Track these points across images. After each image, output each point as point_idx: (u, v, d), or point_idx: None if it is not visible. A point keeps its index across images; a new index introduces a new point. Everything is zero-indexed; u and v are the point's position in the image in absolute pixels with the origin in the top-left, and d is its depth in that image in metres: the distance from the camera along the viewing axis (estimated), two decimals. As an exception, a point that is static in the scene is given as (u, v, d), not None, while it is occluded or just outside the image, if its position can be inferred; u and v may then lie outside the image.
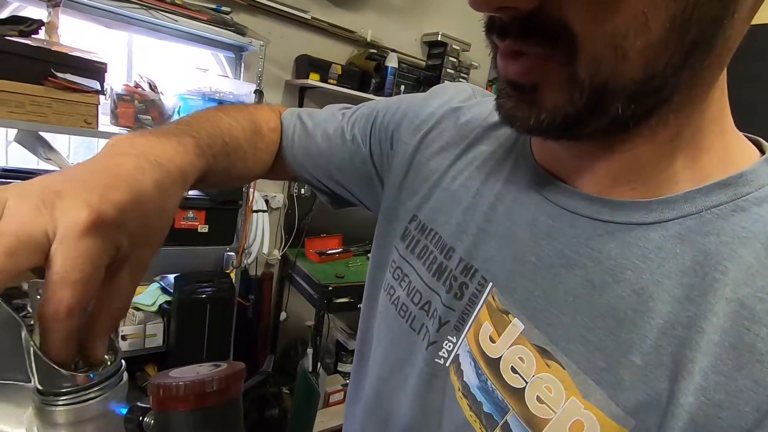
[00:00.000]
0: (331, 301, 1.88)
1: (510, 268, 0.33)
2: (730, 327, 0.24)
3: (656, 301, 0.26)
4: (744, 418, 0.22)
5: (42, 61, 1.35)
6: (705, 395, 0.23)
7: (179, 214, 1.65)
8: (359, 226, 2.50)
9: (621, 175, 0.30)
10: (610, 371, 0.27)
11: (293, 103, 2.15)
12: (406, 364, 0.41)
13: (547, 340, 0.29)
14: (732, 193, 0.27)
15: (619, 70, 0.24)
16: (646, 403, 0.25)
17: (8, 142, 1.61)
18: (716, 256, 0.26)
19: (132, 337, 1.67)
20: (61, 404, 0.27)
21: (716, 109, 0.28)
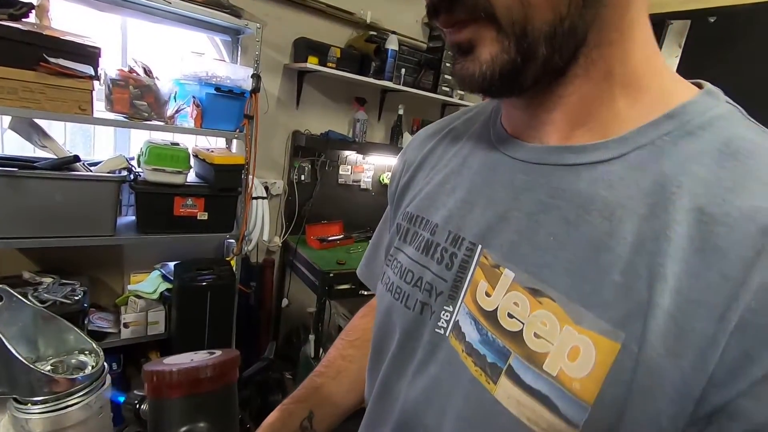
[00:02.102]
0: (332, 288, 1.88)
1: (495, 228, 0.36)
2: (694, 232, 0.27)
3: (624, 222, 0.29)
4: (716, 308, 0.25)
5: (33, 46, 1.32)
6: (680, 295, 0.26)
7: (178, 202, 1.63)
8: (360, 212, 2.48)
9: (575, 120, 0.34)
10: (596, 294, 0.29)
11: (292, 88, 2.11)
12: (408, 344, 0.42)
13: (536, 280, 0.32)
14: (678, 122, 0.31)
15: (530, 15, 0.29)
16: (631, 313, 0.28)
17: (3, 129, 1.59)
18: (672, 175, 0.29)
19: (134, 324, 1.68)
20: (38, 412, 0.26)
21: (644, 51, 0.33)
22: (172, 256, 1.86)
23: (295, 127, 2.16)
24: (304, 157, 2.20)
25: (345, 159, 2.35)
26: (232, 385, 0.40)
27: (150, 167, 1.54)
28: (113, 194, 1.50)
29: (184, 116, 1.69)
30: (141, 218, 1.60)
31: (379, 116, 2.43)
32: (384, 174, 2.50)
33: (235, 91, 1.67)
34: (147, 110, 1.55)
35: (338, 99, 2.27)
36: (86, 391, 0.27)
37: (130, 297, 1.70)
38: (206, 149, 1.79)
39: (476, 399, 0.34)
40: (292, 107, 2.13)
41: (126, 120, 1.53)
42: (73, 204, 1.42)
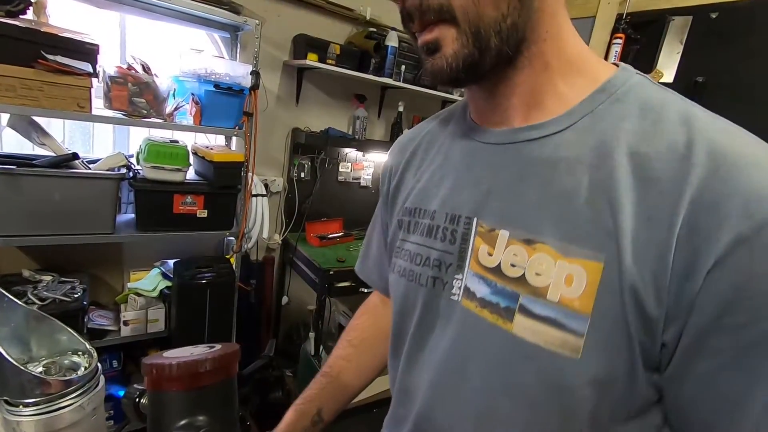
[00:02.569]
0: (332, 285, 1.88)
1: (484, 201, 0.44)
2: (634, 168, 0.36)
3: (582, 173, 0.38)
4: (664, 221, 0.33)
5: (31, 43, 1.31)
6: (636, 216, 0.34)
7: (178, 199, 1.63)
8: (360, 209, 2.47)
9: (529, 103, 0.43)
10: (575, 230, 0.37)
11: (291, 85, 2.10)
12: (426, 320, 0.48)
13: (527, 233, 0.40)
14: (607, 94, 0.40)
15: (480, 13, 0.37)
16: (605, 239, 0.35)
17: (1, 127, 1.58)
18: (610, 132, 0.38)
19: (134, 322, 1.68)
20: (30, 414, 0.25)
21: (574, 47, 0.42)
22: (172, 253, 1.86)
23: (295, 125, 2.16)
24: (304, 155, 2.20)
25: (345, 156, 2.34)
26: (231, 379, 0.39)
27: (149, 165, 1.54)
28: (112, 192, 1.50)
29: (183, 113, 1.69)
30: (140, 216, 1.60)
31: (379, 113, 2.43)
32: (384, 171, 2.50)
33: (235, 88, 1.66)
34: (146, 107, 1.55)
35: (338, 96, 2.26)
36: (80, 392, 0.27)
37: (130, 295, 1.70)
38: (205, 147, 1.78)
39: (498, 340, 0.40)
40: (291, 104, 2.13)
41: (125, 117, 1.52)
42: (72, 202, 1.42)
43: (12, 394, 0.25)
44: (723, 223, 0.31)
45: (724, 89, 1.72)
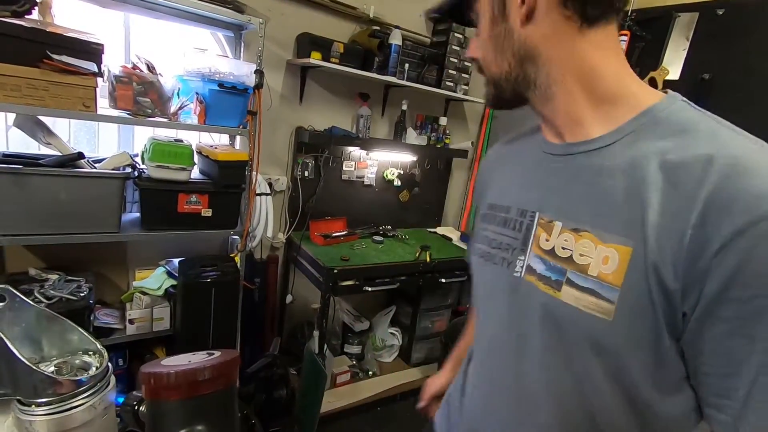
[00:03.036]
0: (336, 284, 1.88)
1: (545, 199, 0.57)
2: (664, 174, 0.45)
3: (619, 178, 0.48)
4: (683, 216, 0.42)
5: (37, 43, 1.32)
6: (661, 212, 0.44)
7: (182, 198, 1.64)
8: (364, 208, 2.48)
9: (571, 124, 0.55)
10: (612, 223, 0.48)
11: (295, 84, 2.10)
12: (496, 290, 0.62)
13: (575, 224, 0.52)
14: (649, 117, 0.49)
15: (491, 70, 0.57)
16: (635, 229, 0.45)
17: (8, 126, 1.59)
18: (648, 146, 0.48)
19: (139, 321, 1.69)
20: (43, 414, 0.26)
21: (614, 80, 0.52)
22: (177, 252, 1.87)
23: (299, 123, 2.16)
24: (308, 153, 2.20)
25: (348, 155, 2.34)
26: (230, 386, 0.39)
27: (154, 164, 1.54)
28: (117, 191, 1.51)
29: (188, 113, 1.69)
30: (145, 215, 1.61)
31: (382, 112, 2.42)
32: (388, 170, 2.49)
33: (239, 87, 1.66)
34: (150, 107, 1.55)
35: (342, 94, 2.26)
36: (91, 392, 0.27)
37: (135, 293, 1.71)
38: (210, 146, 1.79)
39: (548, 305, 0.53)
40: (295, 103, 2.13)
41: (129, 117, 1.52)
42: (77, 201, 1.43)
43: (24, 393, 0.25)
44: (727, 218, 0.40)
45: (730, 86, 1.70)
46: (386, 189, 2.54)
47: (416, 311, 2.49)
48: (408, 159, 2.55)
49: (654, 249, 0.44)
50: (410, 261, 2.11)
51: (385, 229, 2.44)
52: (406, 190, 2.61)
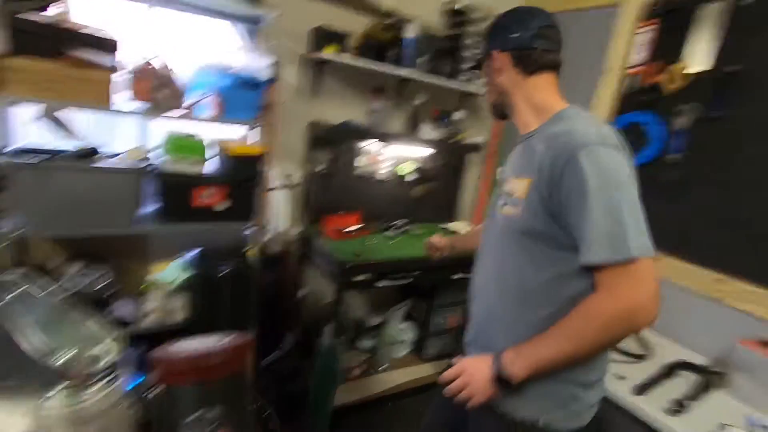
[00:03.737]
0: (349, 279, 1.88)
1: (512, 165, 1.02)
2: (545, 143, 0.89)
3: (536, 148, 0.91)
4: (550, 162, 0.85)
5: (55, 38, 1.34)
6: (542, 161, 0.87)
7: (198, 192, 1.65)
8: (377, 203, 2.47)
9: (525, 124, 1.01)
10: (527, 169, 0.92)
11: (310, 78, 2.09)
12: (487, 227, 1.09)
13: (516, 174, 0.97)
14: (553, 118, 0.94)
15: (489, 101, 1.11)
16: (533, 170, 0.89)
17: (30, 120, 1.62)
18: (547, 130, 0.92)
19: (157, 312, 1.71)
20: (57, 404, 0.25)
21: (539, 102, 0.99)
22: (193, 245, 1.89)
23: (313, 117, 2.15)
24: (322, 148, 2.20)
25: (362, 149, 2.33)
26: (243, 370, 0.38)
27: (170, 157, 1.56)
28: (135, 184, 1.52)
29: (204, 106, 1.70)
30: (161, 208, 1.62)
31: (397, 105, 2.40)
32: (402, 165, 2.48)
33: (254, 81, 1.66)
34: (167, 100, 1.56)
35: (356, 88, 2.25)
36: (105, 381, 0.27)
37: (152, 285, 1.74)
38: (225, 140, 1.80)
39: (502, 218, 0.99)
40: (310, 97, 2.12)
41: (146, 110, 1.54)
42: (95, 194, 1.45)
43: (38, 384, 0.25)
44: (562, 158, 0.83)
45: (756, 78, 1.64)
46: (400, 184, 2.53)
47: (429, 307, 2.47)
48: (423, 153, 2.53)
49: (538, 178, 0.87)
50: (423, 256, 2.09)
51: (398, 224, 2.43)
52: (420, 184, 2.59)
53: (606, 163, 0.80)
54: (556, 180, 0.83)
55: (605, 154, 0.81)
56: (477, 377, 0.90)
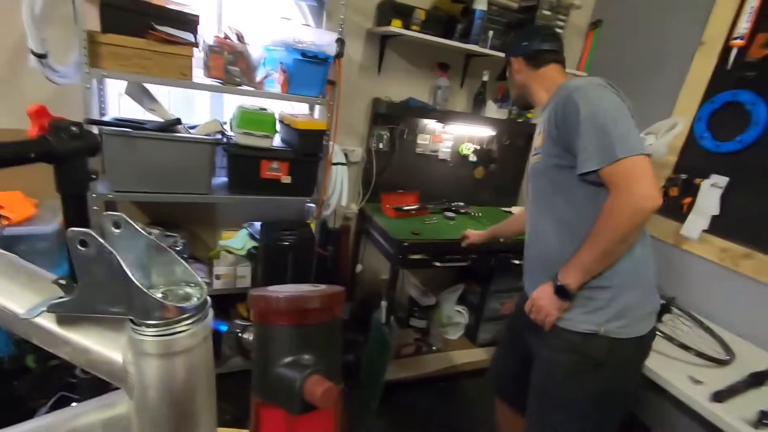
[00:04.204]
0: (405, 257, 1.88)
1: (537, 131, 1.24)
2: (555, 101, 1.11)
3: (547, 113, 1.14)
4: (558, 111, 1.08)
5: (144, 15, 1.43)
6: (553, 114, 1.09)
7: (265, 165, 1.72)
8: (437, 183, 2.43)
9: (540, 102, 1.27)
10: (545, 125, 1.15)
11: (374, 53, 2.08)
12: (530, 186, 1.26)
13: (538, 133, 1.22)
14: (560, 89, 1.13)
15: (512, 95, 1.40)
16: (548, 126, 1.12)
17: (120, 93, 1.76)
18: (553, 99, 1.14)
19: (225, 277, 1.83)
20: (151, 335, 0.27)
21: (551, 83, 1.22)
22: (258, 216, 1.98)
23: (376, 94, 2.15)
24: (384, 125, 2.19)
25: (424, 127, 2.29)
26: (337, 320, 0.39)
27: (241, 131, 1.63)
28: (209, 156, 1.62)
29: (272, 82, 1.75)
30: (232, 179, 1.71)
31: (462, 83, 2.33)
32: (464, 144, 2.41)
33: (320, 57, 1.68)
34: (239, 75, 1.63)
35: (420, 64, 2.20)
36: (192, 320, 0.28)
37: (221, 252, 1.85)
38: (291, 115, 1.84)
39: (531, 169, 1.24)
40: (373, 73, 2.11)
41: (220, 85, 1.61)
42: (175, 163, 1.56)
43: (137, 315, 0.27)
44: (561, 101, 1.07)
45: None
46: (461, 164, 2.47)
47: (485, 291, 2.42)
48: (486, 133, 2.44)
49: (548, 126, 1.10)
50: (483, 239, 2.04)
51: (457, 205, 2.38)
52: (481, 166, 2.51)
53: (592, 97, 1.02)
54: (560, 119, 1.06)
55: (592, 90, 1.04)
56: (545, 299, 1.12)
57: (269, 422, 0.40)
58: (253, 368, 0.38)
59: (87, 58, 1.37)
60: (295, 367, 0.35)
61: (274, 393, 0.38)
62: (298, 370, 0.35)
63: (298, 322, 0.35)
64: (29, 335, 0.31)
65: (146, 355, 0.27)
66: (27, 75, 1.53)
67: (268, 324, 0.36)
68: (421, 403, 2.12)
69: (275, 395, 0.37)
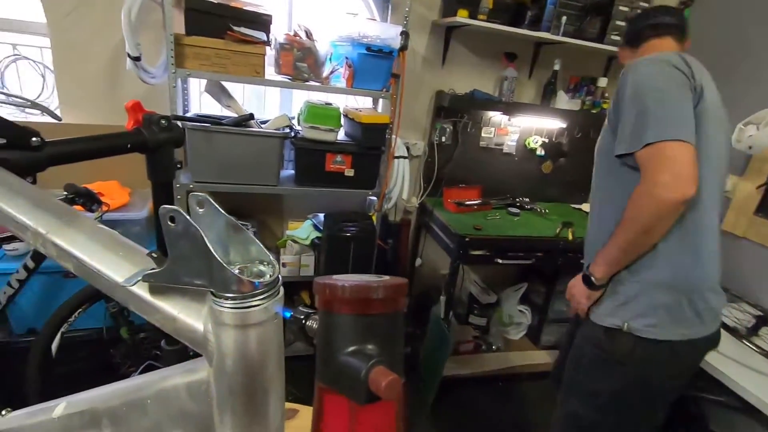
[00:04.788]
0: (467, 252, 1.84)
1: None
2: (616, 90, 1.03)
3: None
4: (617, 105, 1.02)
5: (223, 17, 1.52)
6: (611, 105, 1.05)
7: (329, 158, 1.77)
8: (501, 178, 2.35)
9: None
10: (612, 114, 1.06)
11: (438, 45, 2.05)
12: None
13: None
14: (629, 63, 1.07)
15: None
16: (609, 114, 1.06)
17: (201, 92, 1.91)
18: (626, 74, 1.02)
19: (290, 265, 1.92)
20: (229, 307, 0.29)
21: None
22: (322, 208, 2.04)
23: (440, 87, 2.12)
24: (447, 118, 2.16)
25: (489, 120, 2.23)
26: (400, 312, 0.39)
27: (307, 125, 1.69)
28: (278, 149, 1.70)
29: (338, 77, 1.79)
30: (298, 171, 1.79)
31: (530, 73, 2.23)
32: (531, 137, 2.31)
33: (385, 50, 1.69)
34: (307, 71, 1.69)
35: (486, 55, 2.13)
36: (266, 295, 0.30)
37: (288, 241, 1.94)
38: (355, 109, 1.88)
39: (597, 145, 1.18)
40: (437, 65, 2.09)
41: (289, 81, 1.68)
42: (247, 156, 1.65)
43: (217, 287, 0.29)
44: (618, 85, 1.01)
45: None
46: (527, 158, 2.37)
47: (551, 292, 2.31)
48: (555, 126, 2.32)
49: (610, 106, 1.04)
50: (549, 237, 1.95)
51: (522, 200, 2.29)
52: (549, 160, 2.39)
53: (643, 74, 0.95)
54: (614, 98, 1.02)
55: (645, 67, 0.96)
56: (576, 287, 1.12)
57: (333, 408, 0.41)
58: (317, 354, 0.40)
59: (173, 59, 1.49)
60: (359, 357, 0.36)
61: (338, 380, 0.38)
62: (363, 360, 0.35)
63: (362, 311, 0.36)
64: (127, 302, 0.35)
65: (224, 325, 0.29)
66: (125, 77, 1.71)
67: (332, 312, 0.37)
68: (478, 401, 2.08)
69: (339, 383, 0.38)
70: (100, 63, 1.70)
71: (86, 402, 0.43)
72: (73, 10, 1.61)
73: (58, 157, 0.59)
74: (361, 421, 0.39)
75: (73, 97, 1.72)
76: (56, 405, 0.45)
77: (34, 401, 0.48)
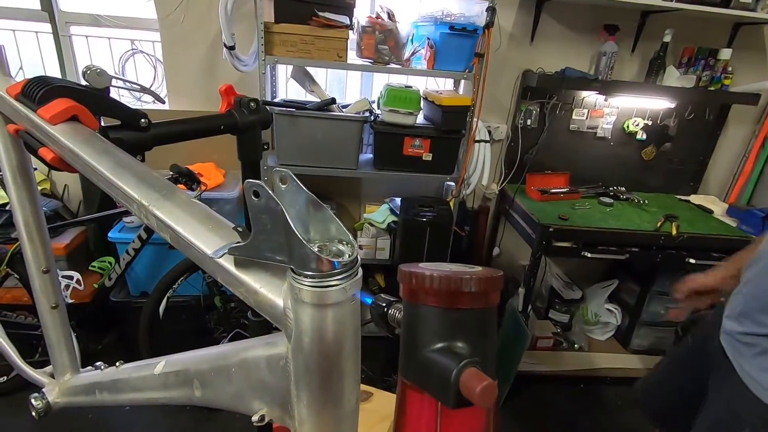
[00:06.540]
0: (550, 243, 1.73)
1: None
2: None
3: None
4: None
5: (309, 3, 1.56)
6: None
7: (408, 142, 1.75)
8: (592, 164, 2.16)
9: None
10: None
11: (528, 20, 1.91)
12: None
13: None
14: None
15: None
16: None
17: (287, 78, 1.99)
18: None
19: (366, 247, 1.95)
20: (308, 285, 0.28)
21: None
22: (399, 192, 2.04)
23: (527, 66, 1.98)
24: (533, 100, 2.02)
25: (581, 101, 2.04)
26: (493, 307, 0.35)
27: (387, 108, 1.68)
28: (358, 133, 1.71)
29: (419, 58, 1.75)
30: (377, 155, 1.79)
31: (633, 47, 1.99)
32: (630, 120, 2.08)
33: (469, 29, 1.61)
34: (388, 54, 1.67)
35: (582, 29, 1.94)
36: (344, 275, 0.29)
37: (365, 224, 1.97)
38: (435, 91, 1.83)
39: None
40: (525, 43, 1.95)
41: (370, 64, 1.68)
42: (328, 139, 1.69)
43: (296, 264, 0.29)
44: None
45: None
46: (625, 143, 2.14)
47: (646, 291, 2.09)
48: (661, 106, 2.06)
49: None
50: (648, 231, 1.75)
51: (616, 190, 2.09)
52: (652, 145, 2.13)
53: None
54: None
55: None
56: None
57: (417, 407, 0.38)
58: (401, 348, 0.37)
59: (263, 47, 1.56)
60: (448, 355, 0.32)
61: (424, 378, 0.35)
62: (453, 360, 0.32)
63: (451, 305, 0.32)
64: (215, 273, 0.36)
65: (302, 303, 0.29)
66: (221, 67, 1.84)
67: (417, 303, 0.34)
68: (555, 400, 1.97)
69: (426, 381, 0.35)
70: (201, 54, 1.85)
71: (181, 363, 0.46)
72: (179, 5, 1.75)
73: (161, 137, 0.64)
74: (448, 424, 0.36)
75: (178, 86, 1.90)
76: (157, 363, 0.49)
77: (145, 356, 0.53)
